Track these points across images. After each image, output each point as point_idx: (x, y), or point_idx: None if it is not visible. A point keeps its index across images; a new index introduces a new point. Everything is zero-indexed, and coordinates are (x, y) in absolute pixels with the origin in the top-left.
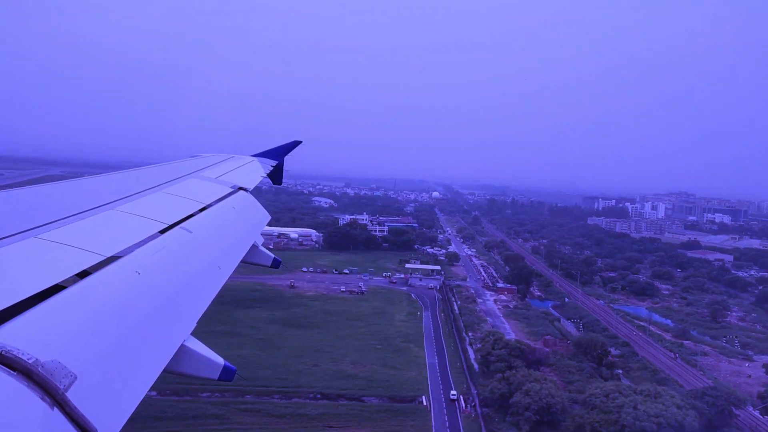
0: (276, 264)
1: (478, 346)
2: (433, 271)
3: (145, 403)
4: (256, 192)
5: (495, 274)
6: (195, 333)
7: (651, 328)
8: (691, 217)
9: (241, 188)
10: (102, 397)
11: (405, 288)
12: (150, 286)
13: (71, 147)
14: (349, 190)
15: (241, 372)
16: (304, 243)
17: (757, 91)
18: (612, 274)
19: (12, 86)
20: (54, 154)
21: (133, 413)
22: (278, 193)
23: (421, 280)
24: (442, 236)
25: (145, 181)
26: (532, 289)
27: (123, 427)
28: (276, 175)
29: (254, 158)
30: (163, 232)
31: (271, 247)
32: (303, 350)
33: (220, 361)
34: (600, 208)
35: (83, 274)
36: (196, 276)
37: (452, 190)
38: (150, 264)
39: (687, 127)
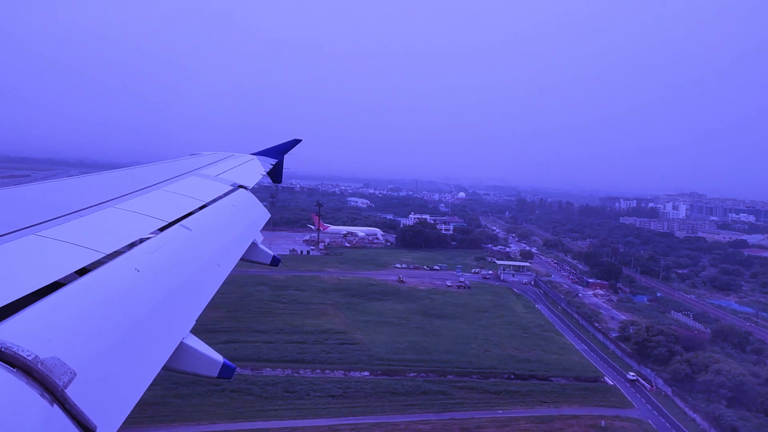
0: (275, 262)
1: (616, 334)
2: (522, 267)
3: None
4: (290, 192)
5: (574, 270)
6: (360, 322)
7: (759, 321)
8: (712, 217)
9: (241, 186)
10: (101, 394)
11: (499, 283)
12: (149, 284)
13: (76, 147)
14: (370, 191)
15: (431, 355)
16: (374, 241)
17: (758, 91)
18: (682, 271)
19: (16, 87)
20: (63, 155)
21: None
22: (312, 193)
23: (513, 276)
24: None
25: (144, 179)
26: (617, 284)
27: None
28: (276, 173)
29: (254, 156)
30: (162, 229)
31: (346, 245)
32: (462, 338)
33: (219, 358)
34: (622, 208)
35: (83, 272)
36: (195, 273)
37: (466, 190)
38: (149, 261)
39: (687, 129)
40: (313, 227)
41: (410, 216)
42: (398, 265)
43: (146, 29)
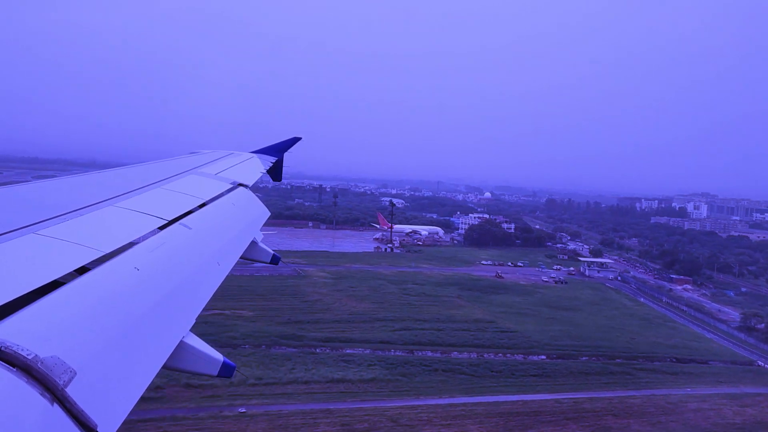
0: (275, 260)
1: (737, 324)
2: (604, 263)
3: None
4: (318, 192)
5: (646, 267)
6: (497, 313)
7: None
8: (734, 217)
9: (240, 184)
10: (102, 393)
11: (587, 279)
12: (149, 282)
13: (83, 148)
14: (392, 191)
15: (586, 341)
16: (438, 240)
17: (756, 91)
18: (751, 268)
19: (17, 88)
20: (73, 155)
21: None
22: (345, 194)
23: (598, 272)
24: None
25: (144, 177)
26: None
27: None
28: (276, 171)
29: (254, 155)
30: (162, 228)
31: (418, 243)
32: (599, 327)
33: (220, 357)
34: (643, 208)
35: (82, 270)
36: (195, 272)
37: (479, 191)
38: (149, 260)
39: (682, 128)
40: (378, 226)
41: (470, 215)
42: (483, 262)
43: (150, 29)
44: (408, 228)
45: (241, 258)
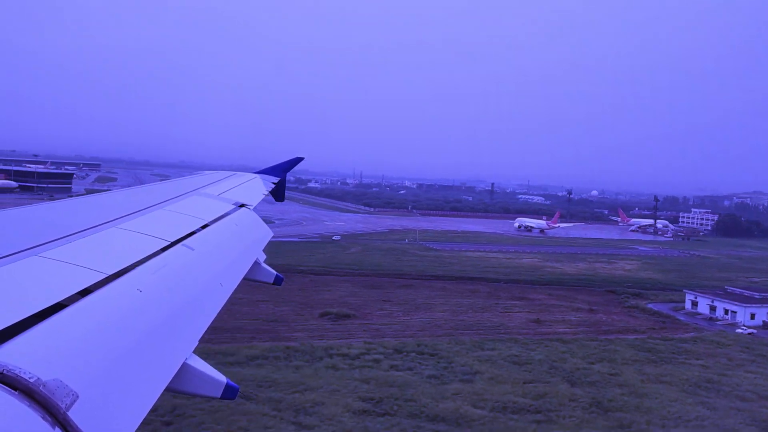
0: (278, 281)
1: None
2: None
3: None
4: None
5: None
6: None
7: None
8: None
9: (243, 205)
10: (104, 416)
11: None
12: (152, 304)
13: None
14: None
15: None
16: (666, 232)
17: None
18: None
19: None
20: (124, 154)
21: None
22: (469, 191)
23: None
24: None
25: (146, 198)
26: None
27: None
28: (278, 191)
29: (256, 175)
30: (165, 249)
31: (668, 235)
32: None
33: (223, 379)
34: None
35: (85, 292)
36: (198, 293)
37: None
38: (152, 282)
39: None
40: (618, 220)
41: (693, 211)
42: None
43: (159, 36)
44: (644, 221)
45: (244, 279)
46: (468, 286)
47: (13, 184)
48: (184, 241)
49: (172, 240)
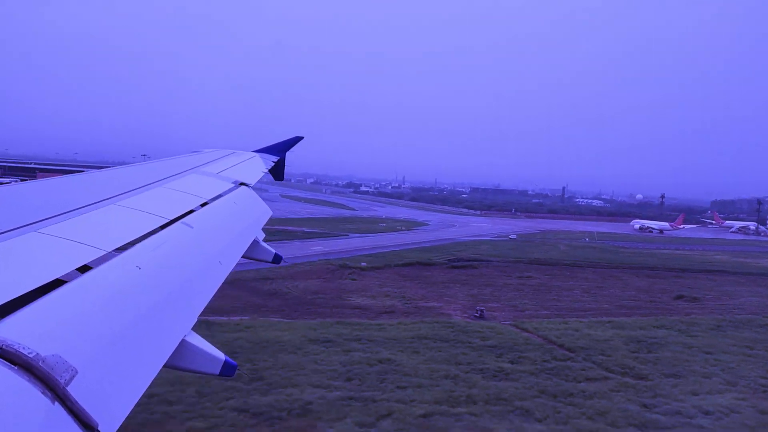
0: (277, 260)
1: None
2: None
3: None
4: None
5: None
6: None
7: None
8: None
9: (242, 184)
10: (103, 392)
11: None
12: (151, 281)
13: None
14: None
15: None
16: (766, 233)
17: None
18: None
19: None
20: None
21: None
22: (522, 195)
23: None
24: None
25: (145, 176)
26: None
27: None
28: (278, 170)
29: (255, 154)
30: (164, 227)
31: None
32: None
33: (221, 356)
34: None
35: (84, 269)
36: (197, 271)
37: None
38: (151, 259)
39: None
40: (712, 222)
41: None
42: None
43: (151, 29)
44: (739, 224)
45: (243, 257)
46: (728, 277)
47: None
48: (183, 219)
49: (172, 218)
